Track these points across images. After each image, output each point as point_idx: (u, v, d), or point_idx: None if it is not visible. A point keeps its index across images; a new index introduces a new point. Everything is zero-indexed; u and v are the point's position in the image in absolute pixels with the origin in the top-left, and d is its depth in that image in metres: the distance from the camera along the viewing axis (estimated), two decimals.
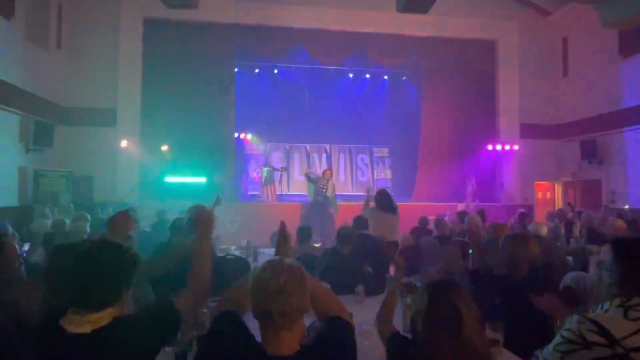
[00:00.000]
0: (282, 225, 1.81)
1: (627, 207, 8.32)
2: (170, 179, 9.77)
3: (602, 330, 1.43)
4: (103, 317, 1.46)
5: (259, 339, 1.40)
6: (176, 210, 6.16)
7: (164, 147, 9.84)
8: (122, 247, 1.64)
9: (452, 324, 1.49)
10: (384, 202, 5.30)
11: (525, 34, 11.26)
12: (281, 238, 1.80)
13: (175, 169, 9.78)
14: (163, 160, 9.82)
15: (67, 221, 5.26)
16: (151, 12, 9.66)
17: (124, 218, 2.27)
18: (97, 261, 1.54)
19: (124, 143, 9.60)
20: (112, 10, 9.87)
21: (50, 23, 9.11)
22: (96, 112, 9.80)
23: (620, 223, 4.81)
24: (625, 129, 9.50)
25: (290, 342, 1.34)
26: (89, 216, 5.48)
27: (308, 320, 1.74)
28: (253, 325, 1.45)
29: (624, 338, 1.41)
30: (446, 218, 6.63)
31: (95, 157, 9.58)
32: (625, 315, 1.45)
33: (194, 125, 9.87)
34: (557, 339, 1.55)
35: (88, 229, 4.96)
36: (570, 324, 1.53)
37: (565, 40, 11.30)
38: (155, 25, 10.00)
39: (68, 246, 2.44)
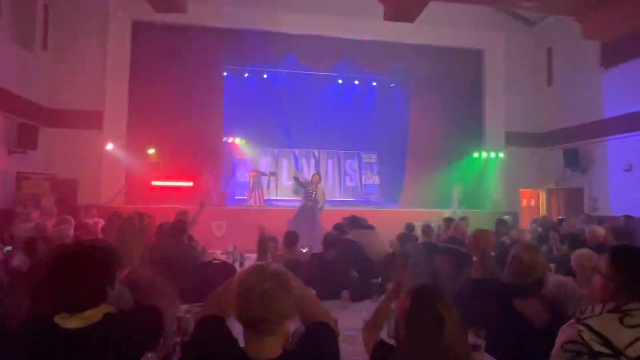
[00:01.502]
0: (261, 230, 1.84)
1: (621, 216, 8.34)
2: (157, 183, 9.69)
3: (605, 340, 1.45)
4: (94, 314, 1.52)
5: (242, 343, 1.40)
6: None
7: (151, 151, 9.76)
8: (105, 247, 1.68)
9: (434, 329, 1.52)
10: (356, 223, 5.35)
11: (511, 44, 11.48)
12: (261, 246, 1.83)
13: (162, 173, 9.70)
14: (150, 164, 9.73)
15: (50, 224, 5.17)
16: (140, 15, 9.61)
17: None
18: (86, 262, 1.57)
19: (110, 146, 9.49)
20: (100, 13, 9.79)
21: (36, 24, 8.99)
22: (82, 115, 9.68)
23: (600, 230, 4.91)
24: (607, 138, 9.73)
25: (273, 347, 1.35)
26: (72, 220, 5.41)
27: (294, 325, 1.76)
28: (237, 330, 1.45)
29: (626, 347, 1.43)
30: (432, 225, 6.68)
31: (80, 159, 9.44)
32: (621, 322, 1.47)
33: (182, 129, 9.80)
34: (559, 353, 1.54)
35: (71, 233, 4.89)
36: (569, 334, 1.53)
37: (549, 51, 11.55)
38: (143, 28, 9.94)
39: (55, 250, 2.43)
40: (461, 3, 9.11)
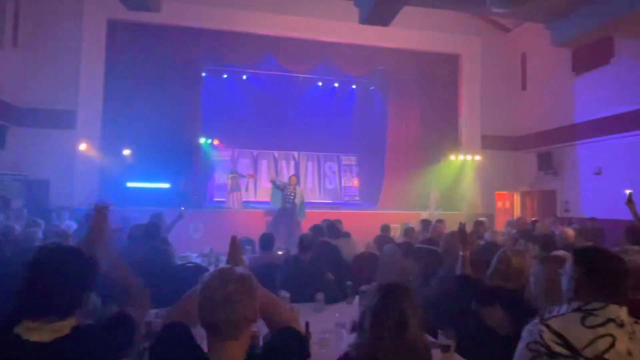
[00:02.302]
0: (234, 239, 1.83)
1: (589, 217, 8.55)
2: (133, 185, 9.49)
3: (564, 341, 1.48)
4: (63, 327, 1.42)
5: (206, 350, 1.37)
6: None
7: (126, 152, 9.56)
8: (80, 253, 1.61)
9: (398, 324, 1.58)
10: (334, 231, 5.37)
11: (486, 49, 11.73)
12: (232, 249, 1.81)
13: (137, 174, 9.51)
14: (125, 165, 9.53)
15: (18, 227, 5.00)
16: (115, 14, 9.41)
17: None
18: (55, 268, 1.49)
19: (83, 146, 9.25)
20: (74, 10, 9.55)
21: (6, 19, 8.70)
22: (54, 114, 9.41)
23: (571, 232, 5.05)
24: (578, 142, 10.03)
25: (236, 352, 1.32)
26: (42, 222, 5.24)
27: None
28: (202, 338, 1.42)
29: (584, 348, 1.46)
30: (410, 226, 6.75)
31: (52, 160, 9.18)
32: (583, 322, 1.50)
33: (159, 129, 9.63)
34: (524, 352, 1.57)
35: (41, 236, 4.74)
36: (532, 334, 1.56)
37: (524, 56, 11.85)
38: (119, 26, 9.74)
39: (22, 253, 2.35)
40: (435, 8, 9.27)
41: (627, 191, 4.63)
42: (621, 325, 1.50)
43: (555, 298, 2.08)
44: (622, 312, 1.52)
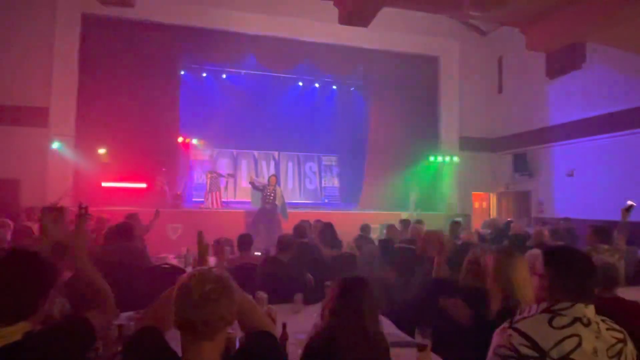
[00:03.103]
0: (200, 236, 1.82)
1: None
2: (108, 184, 9.26)
3: (532, 343, 1.49)
4: (15, 332, 1.36)
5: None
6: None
7: (102, 150, 9.32)
8: (38, 256, 1.54)
9: (354, 313, 1.76)
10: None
11: (464, 52, 11.93)
12: (201, 248, 1.80)
13: (113, 174, 9.29)
14: (100, 164, 9.30)
15: None
16: (90, 8, 9.15)
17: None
18: (8, 272, 1.43)
19: (56, 144, 8.99)
20: (47, 4, 9.26)
21: None
22: (25, 111, 9.09)
23: (545, 232, 5.18)
24: (552, 144, 10.31)
25: (211, 353, 1.30)
26: (11, 223, 5.05)
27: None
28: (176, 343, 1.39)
29: (551, 348, 1.48)
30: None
31: (23, 159, 8.88)
32: (550, 323, 1.52)
33: (135, 128, 9.42)
34: (492, 357, 1.58)
35: (9, 237, 4.57)
36: (501, 338, 1.58)
37: (500, 60, 12.11)
38: (94, 21, 9.48)
39: None
40: (413, 10, 9.38)
41: (629, 202, 4.86)
42: (587, 324, 1.52)
43: (506, 291, 2.18)
44: (588, 311, 1.55)
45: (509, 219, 8.41)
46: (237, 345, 2.08)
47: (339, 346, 1.72)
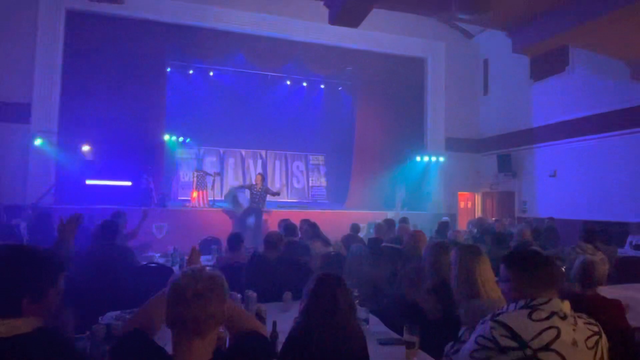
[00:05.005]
0: (193, 251, 1.93)
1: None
2: (92, 182, 9.11)
3: (513, 334, 1.57)
4: (24, 324, 1.33)
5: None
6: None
7: (86, 148, 9.17)
8: (39, 252, 1.49)
9: (329, 307, 1.87)
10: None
11: (451, 54, 12.08)
12: (193, 255, 1.87)
13: (97, 171, 9.14)
14: (84, 162, 9.14)
15: None
16: (74, 4, 9.02)
17: None
18: (9, 265, 1.39)
19: (38, 141, 8.81)
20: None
21: None
22: (6, 107, 8.89)
23: (527, 231, 5.29)
24: (535, 145, 10.51)
25: (202, 351, 1.30)
26: None
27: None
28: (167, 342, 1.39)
29: (532, 339, 1.55)
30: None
31: (4, 156, 8.69)
32: (530, 316, 1.60)
33: (121, 125, 9.29)
34: (472, 345, 1.66)
35: None
36: (483, 329, 1.65)
37: (486, 62, 12.29)
38: (79, 17, 9.33)
39: None
40: (401, 11, 9.47)
41: None
42: (564, 317, 1.61)
43: (468, 285, 2.27)
44: (564, 306, 1.64)
45: (494, 218, 8.54)
46: (228, 344, 2.08)
47: (314, 341, 1.81)
